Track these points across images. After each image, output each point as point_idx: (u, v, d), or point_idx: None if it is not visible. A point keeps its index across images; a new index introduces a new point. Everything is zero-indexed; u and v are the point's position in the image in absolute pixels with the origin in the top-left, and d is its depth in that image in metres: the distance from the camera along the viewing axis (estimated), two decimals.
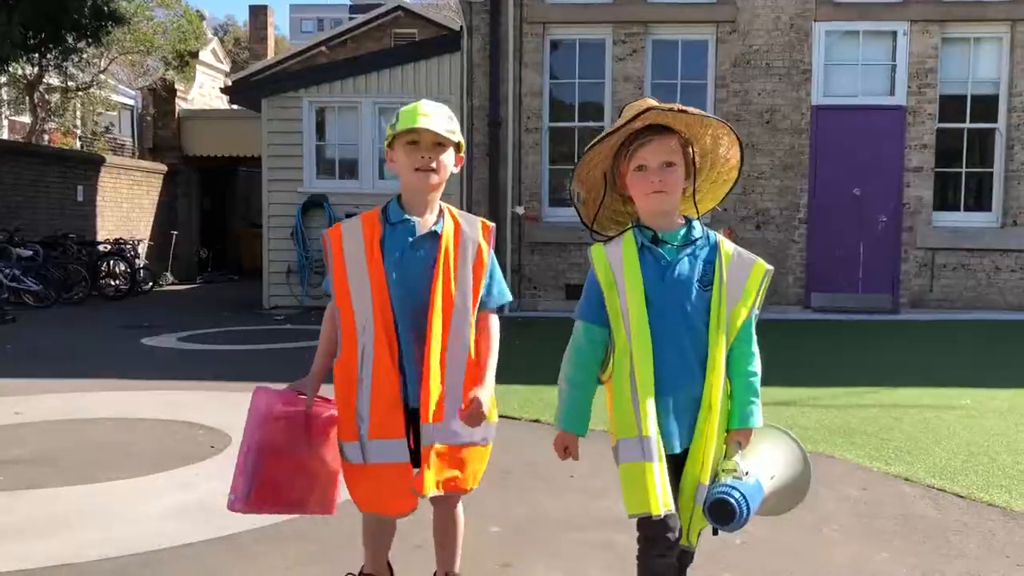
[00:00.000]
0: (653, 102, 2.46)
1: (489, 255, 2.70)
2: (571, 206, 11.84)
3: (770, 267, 2.54)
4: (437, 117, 2.57)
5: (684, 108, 2.45)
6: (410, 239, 2.60)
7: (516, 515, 4.07)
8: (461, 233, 2.66)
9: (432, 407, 2.53)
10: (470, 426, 2.59)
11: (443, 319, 2.56)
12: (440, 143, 2.58)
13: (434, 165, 2.59)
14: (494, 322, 2.73)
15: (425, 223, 2.64)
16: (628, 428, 2.42)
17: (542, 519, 4.02)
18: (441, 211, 2.68)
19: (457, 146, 2.67)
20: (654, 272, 2.46)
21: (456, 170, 2.70)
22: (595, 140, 2.52)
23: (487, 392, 2.62)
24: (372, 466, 2.58)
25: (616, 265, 2.50)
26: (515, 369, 7.81)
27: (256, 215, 17.44)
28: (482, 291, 2.67)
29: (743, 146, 2.60)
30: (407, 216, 2.63)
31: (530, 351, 8.89)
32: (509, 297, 2.77)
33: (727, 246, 2.53)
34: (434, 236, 2.62)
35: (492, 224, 2.77)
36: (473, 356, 2.63)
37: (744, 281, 2.49)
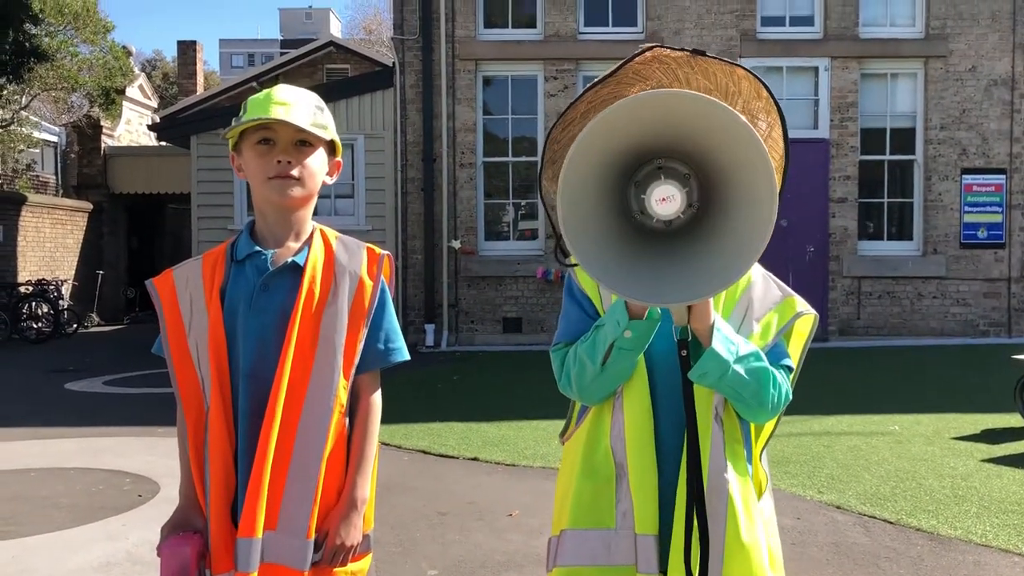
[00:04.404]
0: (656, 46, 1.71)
1: (377, 296, 1.93)
2: (506, 238, 11.79)
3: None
4: (300, 107, 1.83)
5: (704, 52, 1.69)
6: (260, 279, 1.88)
7: (454, 556, 4.03)
8: (336, 264, 1.91)
9: (259, 515, 1.78)
10: (328, 565, 1.87)
11: (289, 395, 1.82)
12: (304, 141, 1.85)
13: (296, 172, 1.84)
14: (375, 399, 1.96)
15: (284, 254, 1.90)
16: None
17: (481, 560, 3.99)
18: (311, 237, 1.94)
19: (331, 147, 1.95)
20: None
21: (331, 180, 1.97)
22: (573, 100, 1.79)
23: (354, 516, 1.88)
24: None
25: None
26: (452, 405, 7.79)
27: (186, 253, 17.11)
28: (361, 346, 1.90)
29: (787, 133, 1.77)
30: (258, 248, 1.90)
31: (467, 386, 8.87)
32: (404, 355, 1.98)
33: None
34: (295, 270, 1.88)
35: (385, 252, 1.98)
36: (333, 442, 1.86)
37: None
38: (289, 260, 1.89)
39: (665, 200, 1.45)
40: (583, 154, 1.38)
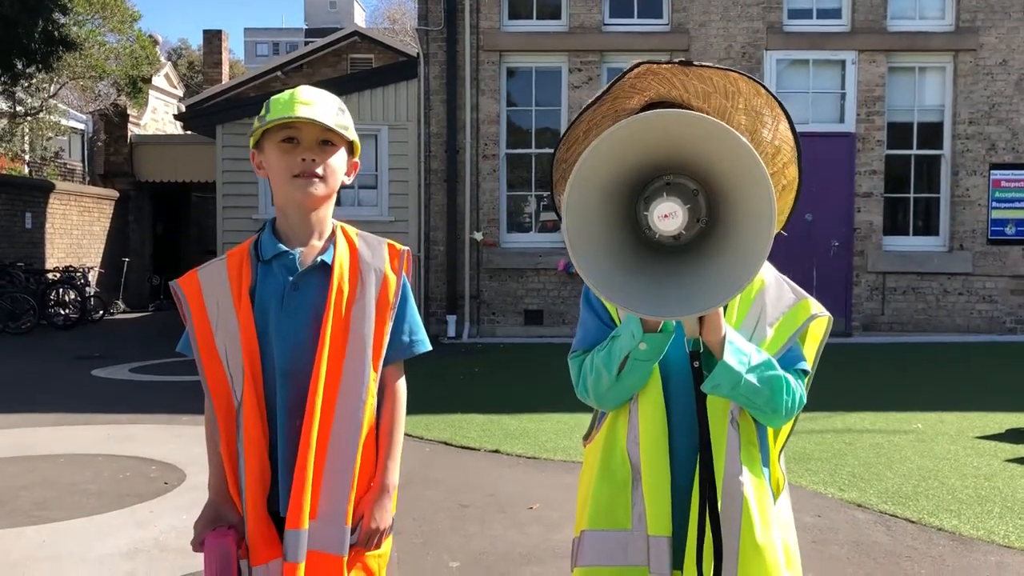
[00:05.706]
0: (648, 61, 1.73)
1: (399, 290, 1.99)
2: (528, 230, 11.82)
3: None
4: (323, 106, 1.88)
5: (692, 61, 1.71)
6: (290, 279, 1.92)
7: (475, 548, 4.06)
8: (360, 261, 1.96)
9: (305, 507, 1.84)
10: (363, 547, 1.94)
11: (325, 390, 1.88)
12: (327, 141, 1.90)
13: (320, 170, 1.88)
14: (401, 388, 2.03)
15: (310, 253, 1.94)
16: None
17: (502, 552, 4.02)
18: (333, 234, 1.99)
19: (351, 147, 1.98)
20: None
21: (349, 180, 1.99)
22: (572, 120, 1.84)
23: (386, 500, 1.96)
24: None
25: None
26: (473, 397, 7.83)
27: (210, 241, 17.25)
28: (387, 338, 1.96)
29: (794, 125, 1.80)
30: (284, 247, 1.94)
31: (488, 378, 8.90)
32: (427, 346, 2.05)
33: None
34: (323, 269, 1.93)
35: (404, 248, 2.05)
36: (366, 433, 1.93)
37: None
38: (318, 259, 1.93)
39: (667, 217, 1.48)
40: (586, 175, 1.40)
